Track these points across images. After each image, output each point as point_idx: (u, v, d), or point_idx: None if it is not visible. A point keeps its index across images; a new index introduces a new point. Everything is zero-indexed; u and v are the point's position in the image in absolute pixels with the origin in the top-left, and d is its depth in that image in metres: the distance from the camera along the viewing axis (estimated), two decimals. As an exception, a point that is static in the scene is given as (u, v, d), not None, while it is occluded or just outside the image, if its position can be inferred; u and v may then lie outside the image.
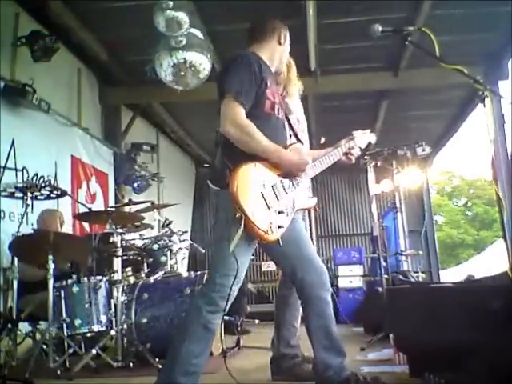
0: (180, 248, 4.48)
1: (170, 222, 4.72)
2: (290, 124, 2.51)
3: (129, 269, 4.37)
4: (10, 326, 3.37)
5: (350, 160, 2.61)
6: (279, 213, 2.16)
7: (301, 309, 2.54)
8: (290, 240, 2.21)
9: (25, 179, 3.97)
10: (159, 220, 5.05)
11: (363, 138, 2.67)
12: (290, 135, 2.46)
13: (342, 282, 7.12)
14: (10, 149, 4.38)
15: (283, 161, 2.17)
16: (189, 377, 2.05)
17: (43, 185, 3.74)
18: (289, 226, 2.21)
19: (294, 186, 2.27)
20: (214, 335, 2.18)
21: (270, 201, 2.13)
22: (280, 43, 2.44)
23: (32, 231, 4.11)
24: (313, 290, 2.26)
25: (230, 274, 2.09)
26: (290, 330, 2.94)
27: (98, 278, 3.63)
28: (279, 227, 2.14)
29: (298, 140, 2.48)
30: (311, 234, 5.11)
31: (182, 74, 4.69)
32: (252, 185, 2.10)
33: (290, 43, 2.53)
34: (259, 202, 2.10)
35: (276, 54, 2.44)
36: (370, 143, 2.72)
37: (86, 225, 5.63)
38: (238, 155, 2.10)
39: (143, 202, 4.95)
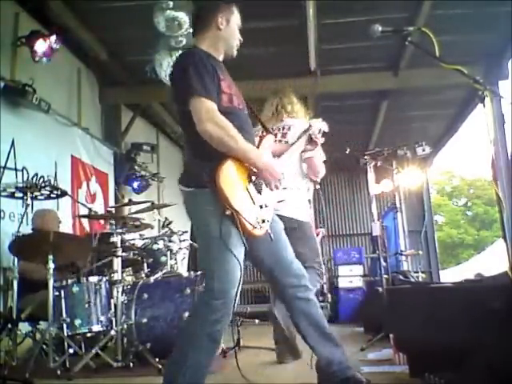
0: (180, 248, 4.48)
1: (170, 222, 4.72)
2: (253, 113, 2.45)
3: (129, 269, 4.38)
4: (9, 325, 3.37)
5: (316, 144, 2.63)
6: (262, 207, 2.12)
7: None
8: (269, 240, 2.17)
9: (25, 179, 3.96)
10: (159, 220, 5.05)
11: (317, 124, 2.69)
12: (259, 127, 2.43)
13: (342, 282, 7.13)
14: (10, 149, 4.38)
15: (259, 165, 2.09)
16: None
17: (43, 185, 3.73)
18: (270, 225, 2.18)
19: None
20: (219, 344, 2.12)
21: (254, 195, 2.10)
22: (220, 28, 2.24)
23: (31, 231, 4.10)
24: (292, 292, 2.21)
25: (229, 278, 2.01)
26: None
27: (98, 277, 3.64)
28: (264, 221, 2.11)
29: (266, 129, 2.45)
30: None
31: (182, 73, 4.69)
32: (237, 180, 2.05)
33: (241, 22, 2.36)
34: (245, 198, 2.06)
35: (219, 41, 2.25)
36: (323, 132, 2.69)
37: (86, 225, 5.64)
38: (212, 154, 2.02)
39: (143, 202, 4.94)
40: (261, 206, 2.11)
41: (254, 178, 2.13)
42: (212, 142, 2.01)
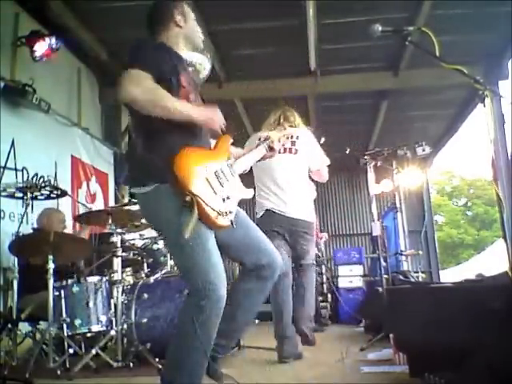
0: (180, 248, 4.47)
1: (170, 222, 4.71)
2: None
3: (129, 269, 4.37)
4: (10, 325, 3.37)
5: (274, 152, 2.61)
6: (225, 199, 2.07)
7: None
8: (237, 225, 2.11)
9: (25, 179, 3.96)
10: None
11: (276, 134, 2.74)
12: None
13: (342, 282, 7.13)
14: (10, 149, 4.39)
15: (195, 116, 1.97)
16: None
17: (43, 185, 3.73)
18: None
19: (232, 174, 2.19)
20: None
21: (216, 186, 2.03)
22: (179, 25, 2.21)
23: (31, 231, 4.10)
24: (268, 271, 2.21)
25: (211, 271, 1.91)
26: None
27: (98, 277, 3.64)
28: (228, 213, 2.05)
29: (223, 132, 2.40)
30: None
31: (182, 73, 4.70)
32: (196, 170, 1.96)
33: (195, 18, 2.33)
34: (206, 187, 1.98)
35: (180, 38, 2.22)
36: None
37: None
38: (163, 144, 1.95)
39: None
40: (223, 199, 2.05)
41: (221, 166, 2.10)
42: (139, 107, 1.89)
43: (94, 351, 3.35)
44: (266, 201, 3.68)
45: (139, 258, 4.29)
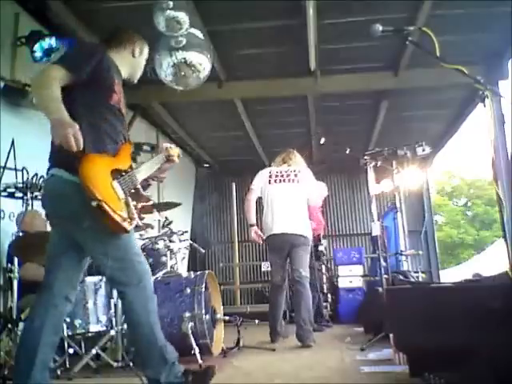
0: (180, 248, 4.48)
1: (170, 222, 4.72)
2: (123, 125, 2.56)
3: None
4: (9, 325, 3.37)
5: (173, 162, 2.80)
6: (128, 206, 2.18)
7: None
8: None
9: (25, 179, 3.95)
10: (159, 220, 5.05)
11: (175, 150, 2.87)
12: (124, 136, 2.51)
13: (342, 282, 7.13)
14: (10, 149, 4.37)
15: (54, 118, 2.21)
16: None
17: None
18: None
19: (133, 183, 2.33)
20: None
21: (120, 193, 2.16)
22: (134, 56, 2.60)
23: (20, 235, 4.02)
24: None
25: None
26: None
27: (98, 277, 3.63)
28: (132, 219, 2.16)
29: (126, 140, 2.55)
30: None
31: (182, 73, 4.70)
32: (101, 174, 2.12)
33: (147, 57, 2.73)
34: (110, 192, 2.12)
35: (128, 63, 2.60)
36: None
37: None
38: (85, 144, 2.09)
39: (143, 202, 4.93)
40: (127, 205, 2.16)
41: (123, 174, 2.23)
42: (32, 89, 2.21)
43: (94, 351, 3.35)
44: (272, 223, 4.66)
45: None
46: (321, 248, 6.89)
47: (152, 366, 2.19)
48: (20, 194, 3.68)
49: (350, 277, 7.13)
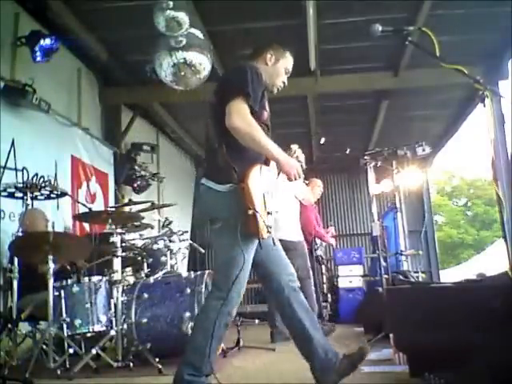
0: (180, 248, 4.48)
1: (170, 222, 4.72)
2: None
3: (129, 269, 4.37)
4: (9, 325, 3.37)
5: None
6: (269, 213, 2.33)
7: None
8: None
9: (25, 179, 3.95)
10: (159, 220, 5.04)
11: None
12: None
13: (342, 282, 7.13)
14: (10, 149, 4.38)
15: (281, 159, 2.31)
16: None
17: (43, 185, 3.74)
18: None
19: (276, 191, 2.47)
20: None
21: (267, 202, 2.31)
22: (267, 64, 2.60)
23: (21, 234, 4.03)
24: (290, 285, 2.49)
25: (239, 274, 2.26)
26: None
27: (98, 277, 3.63)
28: (270, 227, 2.31)
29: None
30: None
31: (182, 74, 4.70)
32: (259, 185, 2.25)
33: (287, 65, 2.78)
34: (261, 202, 2.26)
35: (264, 72, 2.53)
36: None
37: (86, 225, 5.63)
38: (243, 157, 2.25)
39: (143, 202, 4.94)
40: (269, 213, 2.32)
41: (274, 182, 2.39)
42: (239, 135, 2.21)
43: (93, 351, 3.35)
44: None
45: (139, 258, 4.29)
46: (319, 253, 6.84)
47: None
48: (20, 194, 3.68)
49: (350, 277, 7.13)
